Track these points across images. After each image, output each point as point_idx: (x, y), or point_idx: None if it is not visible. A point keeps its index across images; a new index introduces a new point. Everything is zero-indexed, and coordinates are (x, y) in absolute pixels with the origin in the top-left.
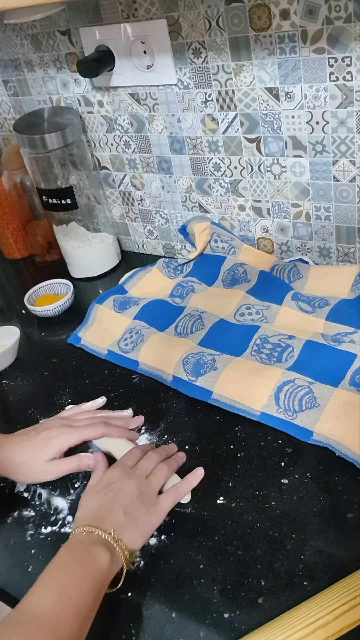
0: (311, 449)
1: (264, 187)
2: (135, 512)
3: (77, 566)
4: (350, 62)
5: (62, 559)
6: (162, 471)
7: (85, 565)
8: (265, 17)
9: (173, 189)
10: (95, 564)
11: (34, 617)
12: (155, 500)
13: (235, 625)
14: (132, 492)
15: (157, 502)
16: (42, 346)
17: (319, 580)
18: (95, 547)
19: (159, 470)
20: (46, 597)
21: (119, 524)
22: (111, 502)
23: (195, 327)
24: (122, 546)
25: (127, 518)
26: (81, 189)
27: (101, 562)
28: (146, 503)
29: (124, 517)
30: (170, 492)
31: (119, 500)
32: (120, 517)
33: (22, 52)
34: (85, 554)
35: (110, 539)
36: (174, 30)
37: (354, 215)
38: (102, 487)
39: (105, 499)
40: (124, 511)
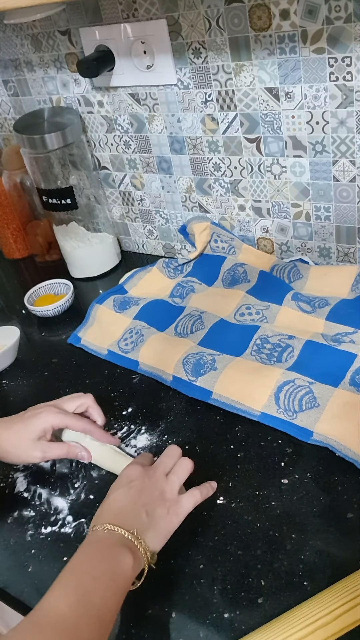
0: (311, 449)
1: (264, 187)
2: (156, 512)
3: (100, 569)
4: (350, 62)
5: (84, 560)
6: (183, 468)
7: (109, 569)
8: (265, 17)
9: (173, 189)
10: (118, 568)
11: (54, 621)
12: (176, 500)
13: (235, 625)
14: (154, 491)
15: (178, 503)
16: (42, 346)
17: (319, 580)
18: (118, 549)
19: (179, 467)
20: (66, 600)
21: (141, 524)
22: (133, 500)
23: (195, 327)
24: (144, 547)
25: (149, 519)
26: (81, 189)
27: (125, 566)
28: (167, 503)
29: (146, 518)
30: (192, 494)
31: (141, 499)
32: (143, 517)
33: (22, 52)
34: (109, 556)
35: (133, 539)
36: (174, 30)
37: (354, 215)
38: (123, 483)
39: (127, 497)
40: (146, 511)
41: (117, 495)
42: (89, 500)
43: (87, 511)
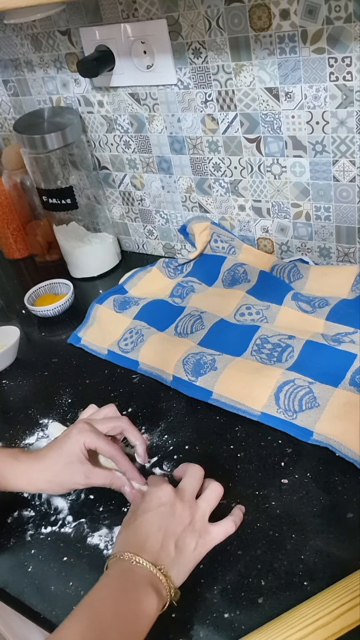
0: (311, 449)
1: (264, 187)
2: (185, 546)
3: (122, 608)
4: (350, 62)
5: (107, 595)
6: (214, 494)
7: (132, 610)
8: (265, 17)
9: (173, 189)
10: (142, 610)
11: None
12: (206, 530)
13: (235, 625)
14: (185, 521)
15: (209, 534)
16: (42, 346)
17: (319, 580)
18: (145, 588)
19: (210, 492)
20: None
21: (169, 558)
22: (163, 528)
23: (195, 327)
24: (170, 584)
25: (177, 553)
26: (81, 189)
27: (149, 608)
28: (196, 534)
29: (174, 550)
30: (225, 525)
31: (170, 529)
32: (171, 552)
33: (22, 52)
34: (134, 596)
35: (160, 576)
36: (174, 30)
37: (354, 215)
38: (153, 506)
39: (157, 523)
40: (175, 543)
41: (145, 520)
42: (89, 500)
43: (87, 511)
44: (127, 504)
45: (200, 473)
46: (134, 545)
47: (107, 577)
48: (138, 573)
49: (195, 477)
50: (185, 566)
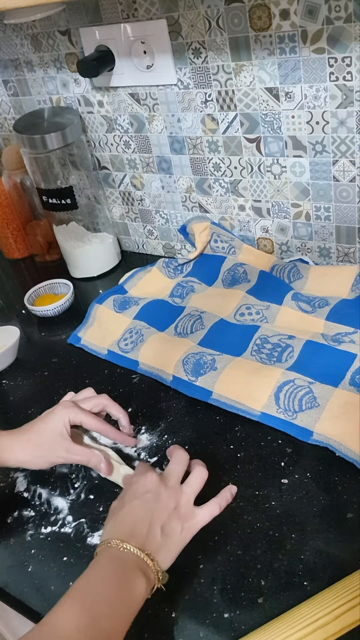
0: (311, 449)
1: (264, 187)
2: (171, 530)
3: (112, 593)
4: (350, 62)
5: (97, 581)
6: (199, 478)
7: (122, 594)
8: (265, 17)
9: (173, 189)
10: (131, 594)
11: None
12: (191, 515)
13: (235, 625)
14: (170, 506)
15: (193, 517)
16: (42, 346)
17: (319, 580)
18: (133, 572)
19: (194, 477)
20: (76, 622)
21: (155, 543)
22: (149, 516)
23: (195, 327)
24: (157, 568)
25: (163, 537)
26: (81, 189)
27: (138, 591)
28: (182, 519)
29: (160, 537)
30: (209, 508)
31: (156, 515)
32: (158, 537)
33: (22, 52)
34: (123, 580)
35: (147, 560)
36: (174, 30)
37: (354, 215)
38: (139, 493)
39: (143, 510)
40: (161, 528)
41: (132, 507)
42: (89, 500)
43: (87, 511)
44: None
45: (185, 458)
46: (122, 532)
47: (96, 563)
48: (126, 559)
49: (180, 462)
50: (171, 550)
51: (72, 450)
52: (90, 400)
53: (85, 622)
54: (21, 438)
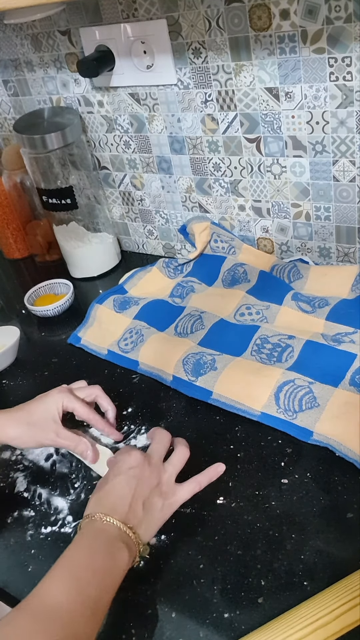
0: (311, 449)
1: (264, 187)
2: (152, 505)
3: (97, 563)
4: (350, 62)
5: (83, 553)
6: (181, 457)
7: (106, 564)
8: (265, 17)
9: (173, 189)
10: (115, 563)
11: (51, 611)
12: (172, 492)
13: (235, 625)
14: (152, 483)
15: (174, 494)
16: (42, 346)
17: (319, 580)
18: (116, 543)
19: (176, 456)
20: (64, 591)
21: (137, 518)
22: (131, 492)
23: (195, 327)
24: (138, 540)
25: (144, 512)
26: (81, 189)
27: (121, 561)
28: (163, 495)
29: (142, 511)
30: (189, 485)
31: (138, 491)
32: (139, 512)
33: (22, 52)
34: (107, 551)
35: (129, 533)
36: (174, 30)
37: (354, 215)
38: (122, 470)
39: (125, 486)
40: (142, 504)
41: (116, 483)
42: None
43: None
44: None
45: (167, 438)
46: (105, 506)
47: (81, 536)
48: (109, 531)
49: (161, 442)
50: (152, 524)
51: (61, 434)
52: (83, 390)
53: (73, 591)
54: (14, 415)
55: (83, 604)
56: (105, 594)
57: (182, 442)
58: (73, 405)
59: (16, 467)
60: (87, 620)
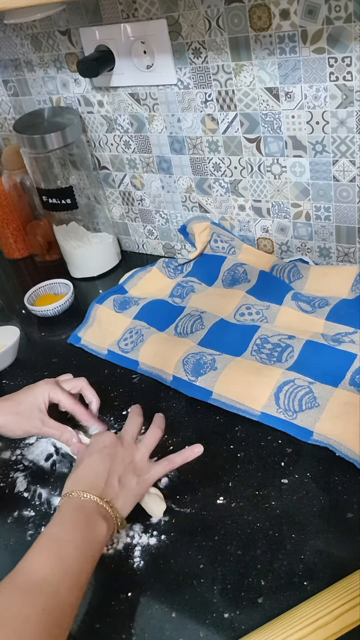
0: (311, 449)
1: (264, 187)
2: (127, 481)
3: (77, 536)
4: (350, 62)
5: (63, 528)
6: (153, 435)
7: (85, 536)
8: (265, 17)
9: (173, 189)
10: (94, 535)
11: (37, 584)
12: (146, 469)
13: (235, 625)
14: (125, 460)
15: (148, 471)
16: (42, 346)
17: (319, 580)
18: (94, 517)
19: (149, 435)
20: (48, 565)
21: (113, 492)
22: (107, 469)
23: (195, 327)
24: (116, 514)
25: (120, 488)
26: (81, 189)
27: (100, 534)
28: (137, 472)
29: (117, 485)
30: (163, 464)
31: (114, 468)
32: (115, 487)
33: (22, 52)
34: (85, 524)
35: (106, 507)
36: (174, 30)
37: (354, 215)
38: (96, 449)
39: (101, 463)
40: (118, 480)
41: (91, 461)
42: None
43: None
44: None
45: (139, 420)
46: (82, 484)
47: (60, 513)
48: (87, 506)
49: (134, 424)
50: (128, 499)
51: (47, 423)
52: (69, 382)
53: (56, 564)
54: (2, 405)
55: (66, 576)
56: (87, 565)
57: (155, 423)
58: (58, 397)
59: (16, 467)
60: (71, 590)
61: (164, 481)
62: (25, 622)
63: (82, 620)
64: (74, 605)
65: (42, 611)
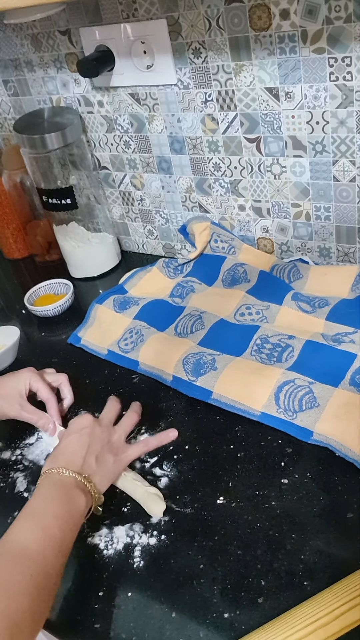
0: (311, 449)
1: (264, 187)
2: (104, 460)
3: (58, 508)
4: (350, 62)
5: (44, 502)
6: (129, 419)
7: (66, 508)
8: (265, 17)
9: (173, 189)
10: (74, 507)
11: (23, 550)
12: (123, 449)
13: (235, 625)
14: (103, 440)
15: (124, 452)
16: (42, 346)
17: (319, 580)
18: (73, 490)
19: (126, 418)
20: (32, 535)
21: (91, 469)
22: (85, 446)
23: (195, 327)
24: (93, 488)
25: (97, 465)
26: (81, 189)
27: (79, 504)
28: (114, 451)
29: (95, 463)
30: (139, 446)
31: (91, 446)
32: (93, 464)
33: (22, 52)
34: (65, 497)
35: (84, 481)
36: (174, 30)
37: (354, 215)
38: (75, 429)
39: (79, 442)
40: (95, 458)
41: (70, 440)
42: None
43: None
44: (127, 504)
45: (117, 406)
46: (61, 461)
47: (40, 487)
48: (66, 481)
49: (112, 408)
50: (105, 476)
51: (25, 407)
52: (51, 375)
53: (39, 534)
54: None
55: (50, 544)
56: (69, 533)
57: (132, 408)
58: (37, 386)
59: (16, 467)
60: (55, 557)
61: (164, 481)
62: (15, 586)
63: (82, 620)
64: (59, 571)
65: (30, 576)
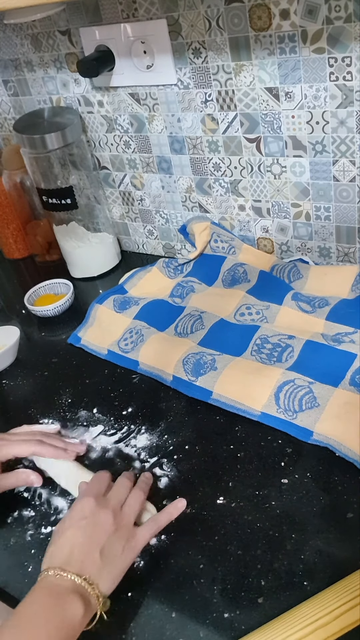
0: (311, 449)
1: (264, 187)
2: (111, 551)
3: (47, 619)
4: (350, 62)
5: (32, 608)
6: (136, 499)
7: (56, 619)
8: (265, 17)
9: (173, 189)
10: (66, 618)
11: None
12: (132, 535)
13: (235, 625)
14: (109, 528)
15: (134, 537)
16: (42, 346)
17: (319, 580)
18: (68, 597)
19: (132, 499)
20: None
21: (94, 567)
22: (87, 541)
23: (195, 327)
24: (97, 592)
25: (103, 560)
26: (81, 189)
27: (73, 615)
28: (123, 539)
29: (100, 559)
30: (149, 526)
31: (95, 538)
32: (97, 560)
33: (22, 52)
34: (57, 605)
35: (85, 585)
36: (174, 30)
37: (354, 215)
38: (75, 520)
39: (79, 536)
40: (100, 551)
41: (70, 535)
42: None
43: None
44: None
45: (128, 484)
46: (59, 559)
47: (33, 592)
48: (63, 585)
49: (123, 486)
50: (113, 572)
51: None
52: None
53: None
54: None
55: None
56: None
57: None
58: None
59: (16, 468)
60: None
61: (164, 481)
62: None
63: None
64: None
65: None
